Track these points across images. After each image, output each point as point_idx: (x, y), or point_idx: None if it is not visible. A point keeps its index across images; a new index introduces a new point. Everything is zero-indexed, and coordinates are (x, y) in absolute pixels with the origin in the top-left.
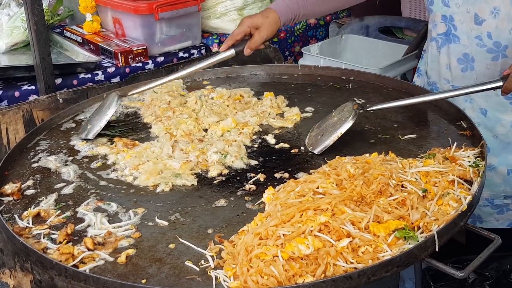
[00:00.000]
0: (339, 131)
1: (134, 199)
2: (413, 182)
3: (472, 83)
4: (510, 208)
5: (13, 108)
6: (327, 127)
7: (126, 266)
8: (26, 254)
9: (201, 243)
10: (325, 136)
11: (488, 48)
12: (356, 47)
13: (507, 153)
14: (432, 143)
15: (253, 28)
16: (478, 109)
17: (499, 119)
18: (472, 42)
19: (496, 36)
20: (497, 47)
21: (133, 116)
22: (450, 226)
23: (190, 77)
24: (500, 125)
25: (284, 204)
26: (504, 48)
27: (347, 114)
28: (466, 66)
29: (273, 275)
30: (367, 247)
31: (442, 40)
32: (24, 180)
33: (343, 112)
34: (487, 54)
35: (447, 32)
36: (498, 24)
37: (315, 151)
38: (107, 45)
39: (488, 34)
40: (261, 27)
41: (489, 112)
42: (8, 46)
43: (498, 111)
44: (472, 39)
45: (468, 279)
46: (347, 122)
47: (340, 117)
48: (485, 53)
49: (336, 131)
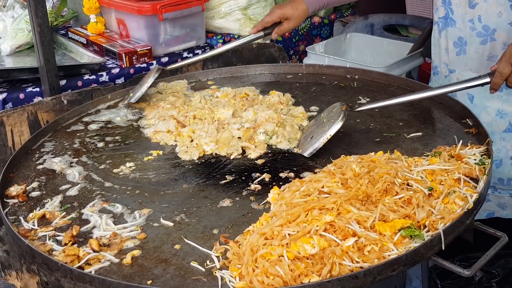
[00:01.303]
0: (329, 133)
1: (139, 200)
2: (418, 181)
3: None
4: (489, 198)
5: (18, 110)
6: (316, 129)
7: (132, 267)
8: (31, 256)
9: (206, 244)
10: (314, 139)
11: (478, 31)
12: (360, 45)
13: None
14: (438, 141)
15: (283, 18)
16: (466, 95)
17: (485, 106)
18: (466, 25)
19: (486, 19)
20: (486, 30)
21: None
22: (456, 224)
23: (195, 77)
24: (486, 112)
25: (289, 204)
26: (492, 31)
27: (336, 115)
28: (460, 50)
29: (279, 275)
30: (373, 246)
31: (442, 23)
32: (29, 182)
33: (331, 114)
34: (476, 38)
35: (445, 16)
36: (488, 7)
37: (305, 154)
38: (111, 46)
39: (479, 17)
40: (291, 18)
41: (476, 98)
42: (13, 48)
43: (485, 98)
44: (466, 23)
45: (475, 277)
46: (336, 123)
47: (329, 119)
48: (475, 36)
49: (325, 133)
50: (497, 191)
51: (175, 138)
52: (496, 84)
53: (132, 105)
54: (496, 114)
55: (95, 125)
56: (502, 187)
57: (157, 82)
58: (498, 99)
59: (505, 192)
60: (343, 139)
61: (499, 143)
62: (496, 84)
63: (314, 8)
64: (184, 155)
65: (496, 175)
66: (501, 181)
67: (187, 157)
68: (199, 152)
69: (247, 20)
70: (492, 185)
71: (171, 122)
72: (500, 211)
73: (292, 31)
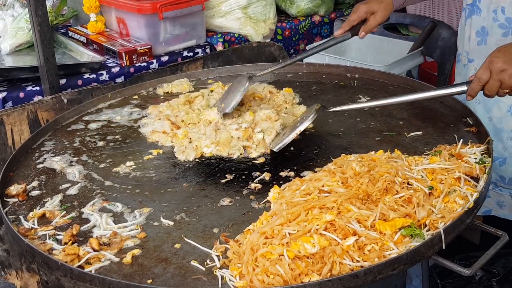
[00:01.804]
0: (298, 129)
1: (140, 199)
2: (419, 180)
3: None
4: (489, 195)
5: (18, 109)
6: (290, 126)
7: (132, 266)
8: (31, 255)
9: (206, 243)
10: (285, 135)
11: (500, 23)
12: (361, 44)
13: (497, 140)
14: (438, 140)
15: (369, 13)
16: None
17: (498, 100)
18: (489, 15)
19: (509, 12)
20: (509, 23)
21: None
22: (457, 223)
23: (195, 76)
24: (498, 107)
25: (289, 203)
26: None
27: (308, 113)
28: (481, 40)
29: (279, 274)
30: (373, 245)
31: (468, 10)
32: (29, 181)
33: (306, 113)
34: (498, 29)
35: (473, 3)
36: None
37: (274, 148)
38: (111, 45)
39: (502, 9)
40: (377, 12)
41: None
42: (13, 47)
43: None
44: (490, 13)
45: (475, 276)
46: (307, 120)
47: (302, 117)
48: (497, 28)
49: (295, 129)
50: (498, 188)
51: (171, 139)
52: (473, 90)
53: (134, 105)
54: (507, 110)
55: (95, 124)
56: (503, 185)
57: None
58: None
59: (505, 190)
60: (344, 138)
61: (506, 141)
62: (473, 90)
63: (398, 3)
64: (180, 155)
65: (498, 172)
66: (502, 179)
67: (182, 157)
68: (196, 154)
69: (247, 19)
70: (493, 181)
71: (166, 123)
72: (498, 209)
73: (292, 30)
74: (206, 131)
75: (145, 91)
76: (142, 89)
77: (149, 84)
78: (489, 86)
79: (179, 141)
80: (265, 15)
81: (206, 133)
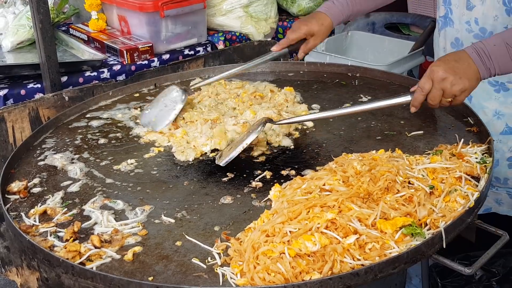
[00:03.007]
0: (245, 142)
1: (141, 197)
2: (420, 179)
3: None
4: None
5: (19, 106)
6: (237, 140)
7: (133, 263)
8: (33, 252)
9: (207, 241)
10: (232, 149)
11: (475, 33)
12: (362, 43)
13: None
14: (439, 140)
15: (309, 35)
16: None
17: (483, 106)
18: (462, 27)
19: (482, 22)
20: (483, 33)
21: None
22: (458, 222)
23: (196, 75)
24: (483, 113)
25: (290, 201)
26: (489, 34)
27: (254, 127)
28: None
29: (280, 272)
30: (374, 244)
31: (441, 22)
32: (31, 178)
33: (253, 127)
34: (473, 39)
35: (445, 15)
36: (485, 10)
37: (220, 163)
38: (112, 43)
39: (475, 20)
40: (317, 34)
41: (474, 98)
42: (14, 44)
43: (483, 99)
44: (462, 24)
45: (475, 275)
46: (253, 133)
47: (249, 130)
48: (472, 38)
49: (242, 143)
50: (495, 188)
51: (168, 139)
52: (416, 100)
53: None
54: (493, 115)
55: (96, 122)
56: (499, 185)
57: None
58: (495, 100)
59: (502, 189)
60: (345, 137)
61: (496, 144)
62: (417, 100)
63: (338, 21)
64: (180, 156)
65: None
66: (497, 179)
67: (182, 157)
68: (196, 153)
69: (248, 17)
70: None
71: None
72: (497, 206)
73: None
74: (202, 129)
75: (146, 89)
76: (144, 87)
77: (150, 82)
78: (432, 96)
79: (177, 141)
80: (266, 14)
81: (203, 131)
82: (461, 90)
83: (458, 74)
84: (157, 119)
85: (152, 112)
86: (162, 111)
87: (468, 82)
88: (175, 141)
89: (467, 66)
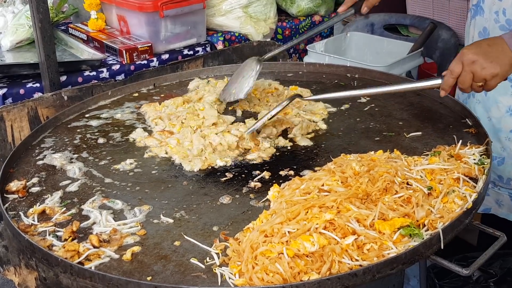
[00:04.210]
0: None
1: (139, 197)
2: (418, 180)
3: None
4: (488, 193)
5: (18, 105)
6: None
7: (132, 263)
8: (31, 251)
9: (206, 241)
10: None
11: (501, 24)
12: (361, 44)
13: (496, 140)
14: (437, 141)
15: None
16: None
17: (497, 101)
18: (491, 16)
19: (510, 13)
20: (509, 24)
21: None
22: (455, 223)
23: (195, 74)
24: (497, 107)
25: (289, 202)
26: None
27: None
28: None
29: (278, 272)
30: (372, 245)
31: (473, 11)
32: (29, 178)
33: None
34: (499, 31)
35: (477, 3)
36: None
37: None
38: (111, 43)
39: (503, 10)
40: None
41: (489, 92)
42: (13, 43)
43: (498, 93)
44: (491, 14)
45: (473, 276)
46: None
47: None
48: (498, 29)
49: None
50: (497, 187)
51: (165, 149)
52: (446, 83)
53: (134, 102)
54: (506, 111)
55: (95, 121)
56: (501, 184)
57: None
58: (511, 96)
59: (504, 190)
60: (343, 138)
61: (505, 142)
62: (446, 83)
63: None
64: (186, 165)
65: (496, 172)
66: (500, 178)
67: (188, 167)
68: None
69: (247, 18)
70: (492, 180)
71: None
72: (497, 208)
73: (292, 29)
74: (192, 139)
75: (145, 89)
76: (143, 87)
77: (149, 82)
78: (462, 79)
79: (178, 151)
80: (265, 14)
81: (193, 142)
82: (492, 75)
83: (490, 58)
84: (236, 90)
85: (231, 85)
86: (241, 82)
87: (499, 68)
88: (172, 152)
89: (500, 51)
